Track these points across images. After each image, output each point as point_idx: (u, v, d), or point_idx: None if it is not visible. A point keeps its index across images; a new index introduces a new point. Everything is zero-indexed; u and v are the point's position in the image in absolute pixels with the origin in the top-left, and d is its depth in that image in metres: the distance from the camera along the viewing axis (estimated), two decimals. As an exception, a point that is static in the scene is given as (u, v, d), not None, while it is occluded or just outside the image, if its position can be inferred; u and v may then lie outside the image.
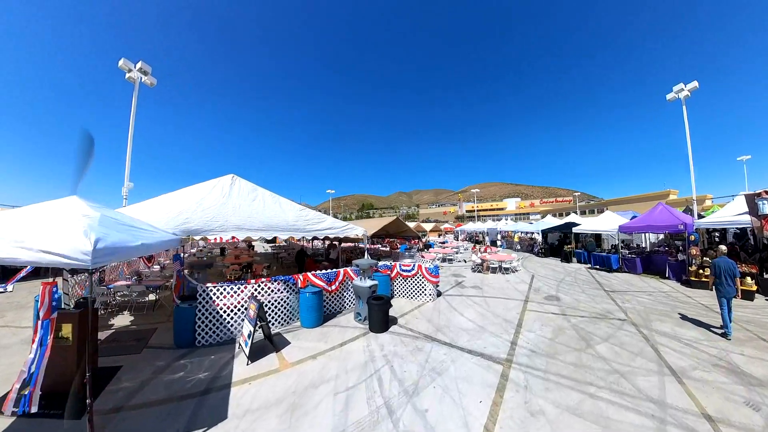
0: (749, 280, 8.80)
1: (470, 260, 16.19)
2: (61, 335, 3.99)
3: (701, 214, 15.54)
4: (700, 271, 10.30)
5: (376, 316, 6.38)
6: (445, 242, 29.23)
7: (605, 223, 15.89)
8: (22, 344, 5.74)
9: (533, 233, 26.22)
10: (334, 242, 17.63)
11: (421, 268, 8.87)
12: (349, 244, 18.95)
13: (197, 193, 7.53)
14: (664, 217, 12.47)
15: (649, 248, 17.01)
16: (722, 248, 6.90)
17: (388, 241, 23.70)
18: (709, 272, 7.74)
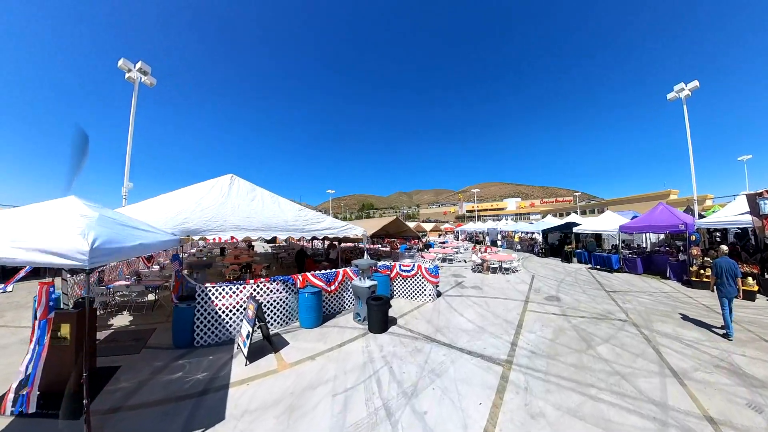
0: (751, 280, 8.76)
1: (470, 260, 16.16)
2: (59, 335, 3.97)
3: (702, 214, 15.49)
4: (701, 271, 10.26)
5: (375, 316, 6.35)
6: (445, 242, 29.16)
7: (606, 223, 15.87)
8: (21, 344, 5.72)
9: (533, 233, 26.23)
10: (333, 242, 17.61)
11: (420, 268, 8.84)
12: (348, 244, 18.92)
13: (196, 193, 7.52)
14: (664, 217, 12.43)
15: (649, 248, 16.98)
16: (723, 248, 6.87)
17: (388, 241, 23.67)
18: (710, 272, 7.69)
